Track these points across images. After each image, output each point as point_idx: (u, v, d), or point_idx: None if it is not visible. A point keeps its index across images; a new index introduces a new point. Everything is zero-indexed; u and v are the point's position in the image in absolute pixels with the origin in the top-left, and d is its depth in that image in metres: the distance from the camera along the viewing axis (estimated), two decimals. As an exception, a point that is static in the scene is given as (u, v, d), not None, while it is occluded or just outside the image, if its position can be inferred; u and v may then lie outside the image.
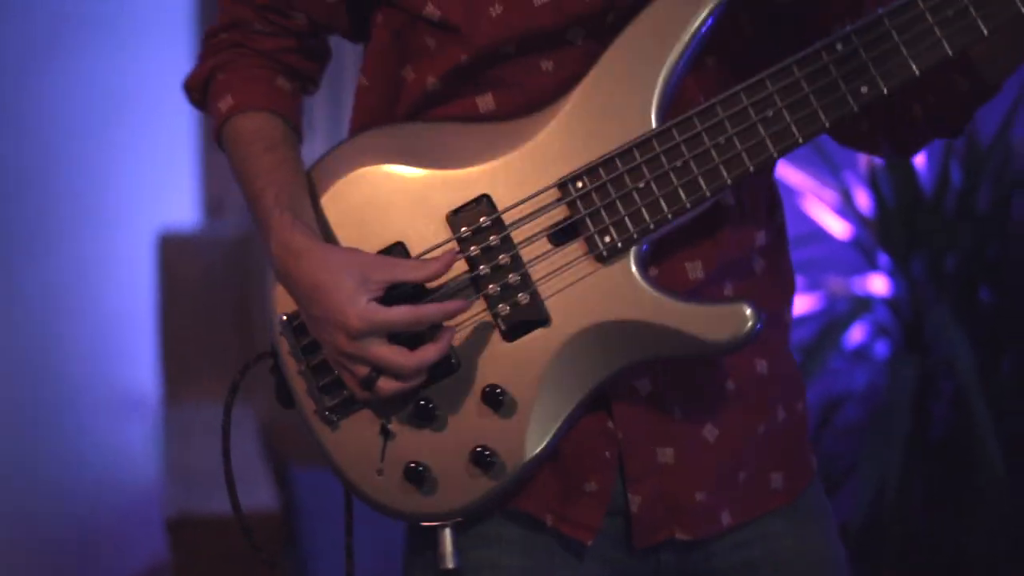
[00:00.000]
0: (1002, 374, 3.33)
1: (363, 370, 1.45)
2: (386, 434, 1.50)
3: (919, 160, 3.44)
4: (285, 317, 1.53)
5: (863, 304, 3.40)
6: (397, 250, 1.49)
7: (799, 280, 3.56)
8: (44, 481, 3.65)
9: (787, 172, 3.53)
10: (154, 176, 3.98)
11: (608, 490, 1.55)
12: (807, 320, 3.41)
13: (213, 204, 4.06)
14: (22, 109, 3.59)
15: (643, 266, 1.48)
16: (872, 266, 3.47)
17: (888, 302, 3.43)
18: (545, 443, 1.50)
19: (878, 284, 3.46)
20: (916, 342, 3.34)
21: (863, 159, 3.49)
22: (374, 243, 1.49)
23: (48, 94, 3.66)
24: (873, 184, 3.42)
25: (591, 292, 1.47)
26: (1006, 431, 3.19)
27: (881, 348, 3.47)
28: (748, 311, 1.45)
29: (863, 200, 3.49)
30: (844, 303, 3.41)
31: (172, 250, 3.38)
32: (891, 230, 3.39)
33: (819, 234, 3.50)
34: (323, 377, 1.51)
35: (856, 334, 3.47)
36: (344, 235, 1.51)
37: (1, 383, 3.52)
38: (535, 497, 1.55)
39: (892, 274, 3.43)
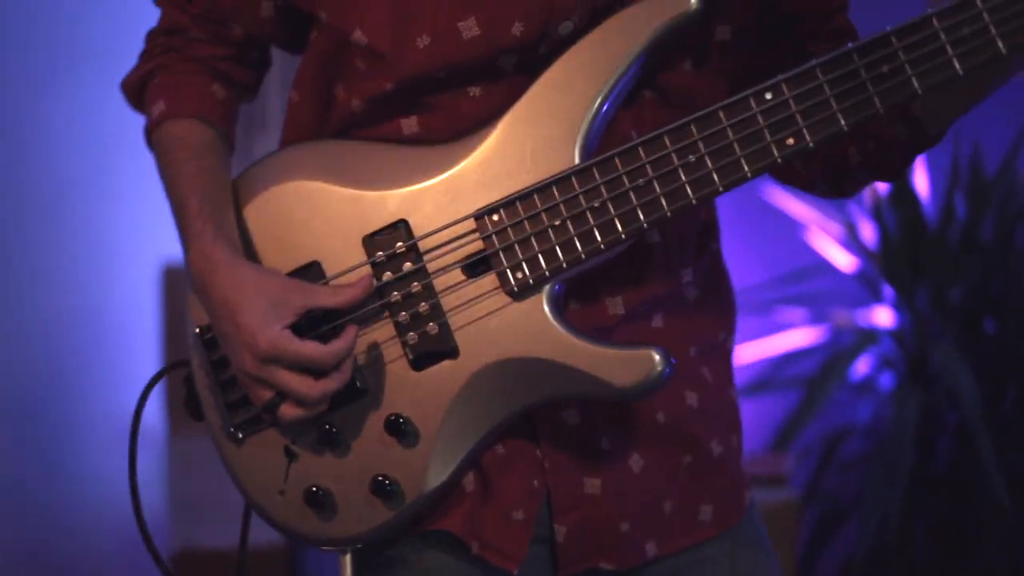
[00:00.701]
0: (1006, 406, 3.31)
1: (267, 393, 1.42)
2: (290, 456, 1.48)
3: (923, 192, 3.43)
4: (198, 329, 1.51)
5: (868, 336, 3.39)
6: (313, 268, 1.47)
7: (803, 313, 3.58)
8: (46, 515, 3.63)
9: (791, 204, 3.52)
10: (158, 207, 3.96)
11: (533, 519, 1.53)
12: (812, 352, 3.40)
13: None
14: (27, 138, 3.59)
15: (556, 303, 1.45)
16: (876, 298, 3.46)
17: (892, 334, 3.42)
18: (447, 476, 1.48)
19: (883, 316, 3.44)
20: (920, 374, 3.33)
21: (867, 192, 3.48)
22: (291, 259, 1.48)
23: (54, 123, 3.65)
24: (878, 216, 3.41)
25: (501, 327, 1.45)
26: (1010, 463, 3.17)
27: (886, 380, 3.45)
28: (656, 357, 1.43)
29: (867, 232, 3.48)
30: (849, 335, 3.39)
31: (176, 281, 3.36)
32: (895, 262, 3.38)
33: (824, 267, 3.49)
34: (231, 393, 1.49)
35: (861, 366, 3.46)
36: (262, 248, 1.49)
37: (3, 416, 3.50)
38: (462, 520, 1.53)
39: (896, 306, 3.42)
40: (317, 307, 1.44)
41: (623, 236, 1.43)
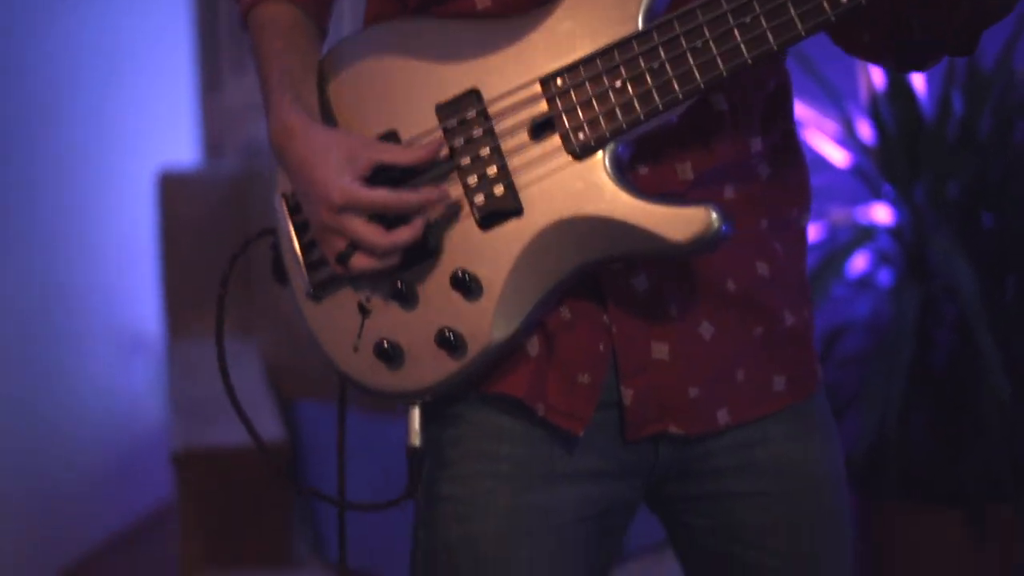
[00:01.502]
0: (1006, 299, 3.29)
1: (340, 243, 1.50)
2: (363, 312, 1.54)
3: (920, 88, 3.40)
4: (282, 196, 1.58)
5: (865, 233, 3.36)
6: (389, 136, 1.54)
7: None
8: (49, 424, 3.63)
9: (787, 102, 3.48)
10: (154, 117, 3.95)
11: (600, 383, 1.57)
12: (810, 250, 3.36)
13: (212, 144, 4.03)
14: (23, 51, 3.55)
15: (617, 164, 1.50)
16: (874, 195, 3.43)
17: (890, 230, 3.40)
18: (511, 331, 1.53)
19: (880, 213, 3.42)
20: (919, 269, 3.31)
21: (864, 89, 3.45)
22: (370, 128, 1.54)
23: (50, 35, 3.62)
24: (874, 113, 3.38)
25: (563, 187, 1.50)
26: (1010, 356, 3.16)
27: (884, 276, 3.43)
28: (713, 215, 1.46)
29: (864, 130, 3.45)
30: (846, 232, 3.37)
31: (172, 189, 3.34)
32: (893, 158, 3.35)
33: (820, 164, 3.46)
34: (311, 255, 1.56)
35: (859, 263, 3.44)
36: (343, 119, 1.56)
37: (4, 328, 3.49)
38: (528, 385, 1.56)
39: (894, 202, 3.39)
40: (388, 163, 1.51)
41: (680, 96, 1.47)
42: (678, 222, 1.47)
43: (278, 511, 2.71)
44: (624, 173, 1.50)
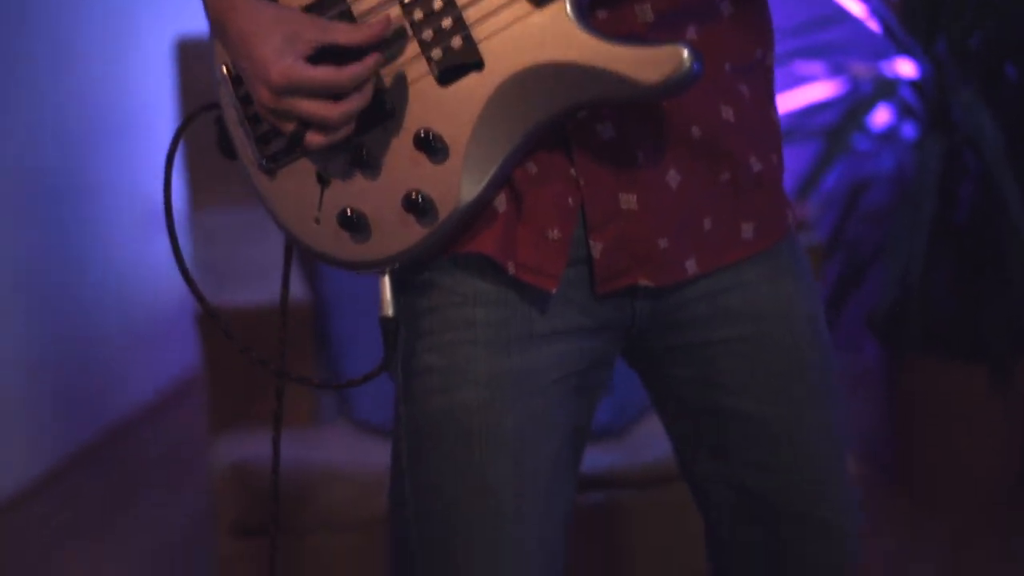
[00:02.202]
0: (1030, 151, 3.25)
1: (289, 126, 1.45)
2: (322, 182, 1.50)
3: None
4: (225, 68, 1.52)
5: (888, 86, 3.31)
6: (340, 7, 1.48)
7: (822, 66, 3.49)
8: (76, 297, 3.64)
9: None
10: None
11: (569, 238, 1.54)
12: (832, 105, 3.33)
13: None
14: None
15: (579, 8, 1.45)
16: (896, 47, 3.38)
17: (913, 83, 3.34)
18: (479, 190, 1.49)
19: (903, 66, 3.37)
20: (942, 122, 3.26)
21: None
22: None
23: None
24: (896, -36, 3.32)
25: (525, 35, 1.45)
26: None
27: (908, 130, 3.39)
28: (684, 53, 1.42)
29: (886, -19, 3.39)
30: (868, 85, 3.32)
31: (189, 57, 3.29)
32: (915, 10, 3.29)
33: (841, 15, 3.40)
34: (260, 127, 1.52)
35: (882, 116, 3.39)
36: None
37: (29, 202, 3.48)
38: (494, 241, 1.54)
39: (916, 55, 3.33)
40: (333, 43, 1.44)
41: None
42: (648, 63, 1.43)
43: (303, 371, 2.70)
44: (587, 17, 1.46)
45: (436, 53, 1.47)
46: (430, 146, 1.48)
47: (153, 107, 3.79)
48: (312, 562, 2.54)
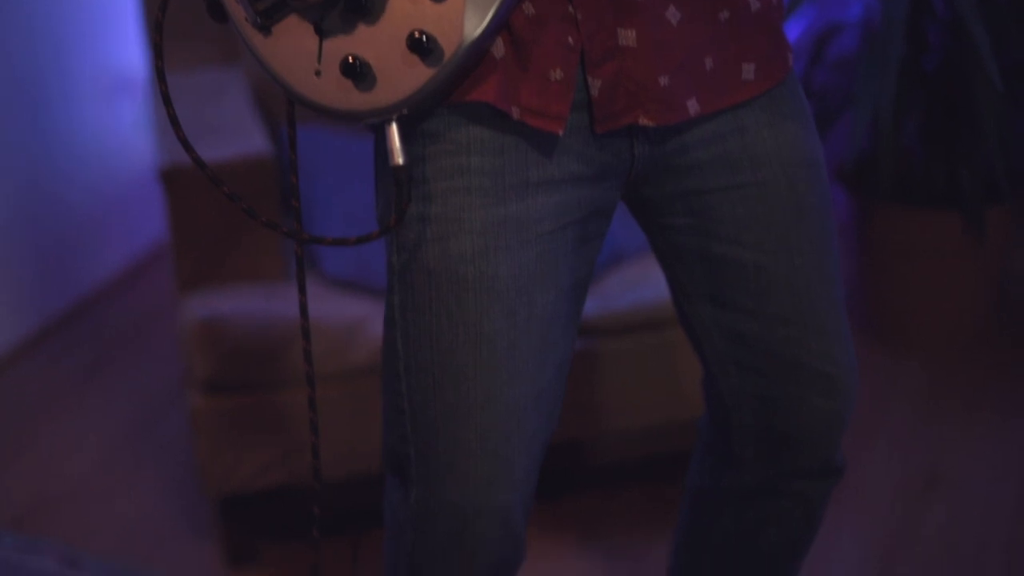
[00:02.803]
0: (999, -5, 3.21)
1: None
2: (321, 33, 1.45)
3: None
4: None
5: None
6: None
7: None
8: (45, 168, 3.59)
9: None
10: None
11: (573, 78, 1.51)
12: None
13: None
14: None
15: None
16: None
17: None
18: (484, 26, 1.45)
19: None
20: (910, -34, 3.21)
21: None
22: None
23: None
24: None
25: None
26: (1004, 55, 3.09)
27: (876, -26, 3.34)
28: None
29: None
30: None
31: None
32: None
33: None
34: None
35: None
36: None
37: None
38: (496, 88, 1.51)
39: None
40: None
41: None
42: None
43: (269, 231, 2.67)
44: None
45: None
46: None
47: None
48: (285, 417, 2.54)
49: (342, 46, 1.47)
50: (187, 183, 2.52)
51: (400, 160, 1.50)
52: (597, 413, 2.64)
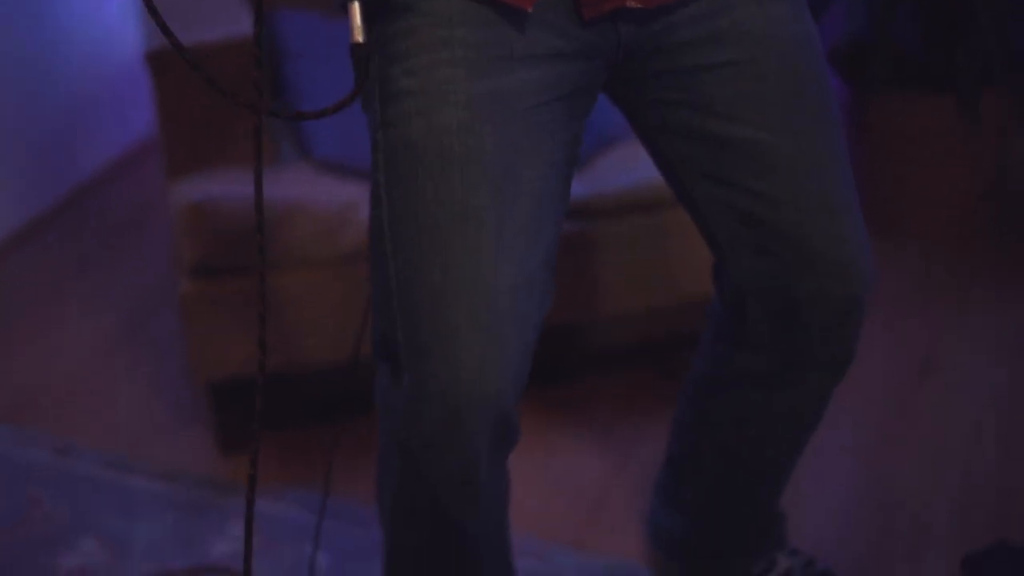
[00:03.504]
0: None
1: None
2: None
3: None
4: None
5: None
6: None
7: None
8: (34, 60, 3.54)
9: None
10: None
11: None
12: None
13: None
14: None
15: None
16: None
17: None
18: None
19: None
20: None
21: None
22: None
23: None
24: None
25: None
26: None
27: None
28: None
29: None
30: None
31: None
32: None
33: None
34: None
35: None
36: None
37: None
38: None
39: None
40: None
41: None
42: None
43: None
44: None
45: None
46: None
47: None
48: (275, 302, 2.50)
49: None
50: (175, 67, 2.47)
51: (359, 38, 1.47)
52: (591, 297, 2.60)
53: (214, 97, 2.47)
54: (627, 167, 2.58)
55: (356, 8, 1.47)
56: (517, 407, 1.68)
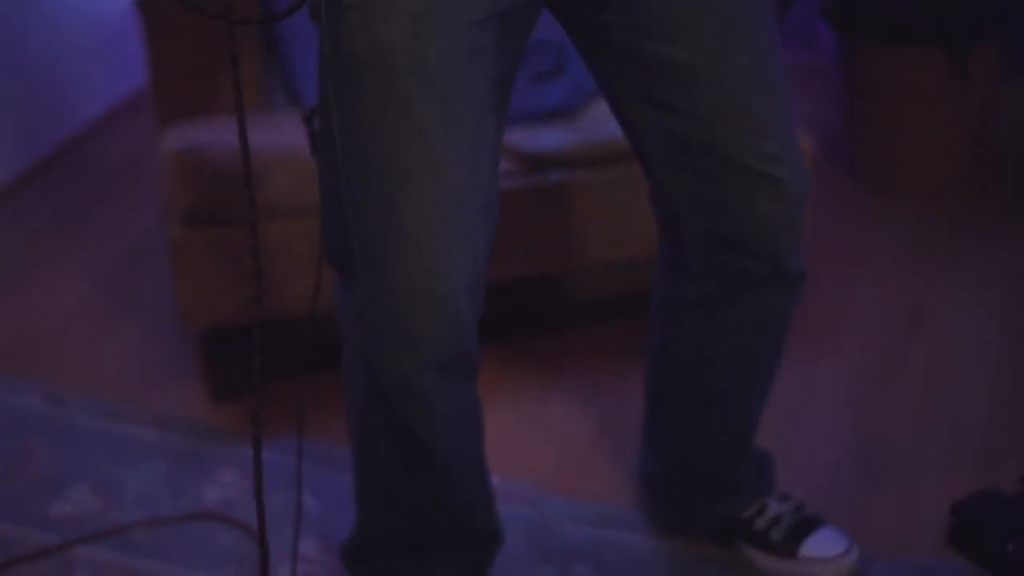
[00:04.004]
0: None
1: None
2: None
3: None
4: None
5: None
6: None
7: None
8: (23, 14, 3.51)
9: None
10: None
11: None
12: None
13: None
14: None
15: None
16: None
17: None
18: None
19: None
20: None
21: None
22: None
23: None
24: None
25: None
26: None
27: None
28: None
29: None
30: None
31: None
32: None
33: None
34: None
35: None
36: None
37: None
38: None
39: None
40: None
41: None
42: None
43: (251, 63, 2.61)
44: None
45: None
46: None
47: None
48: (265, 250, 2.48)
49: None
50: (164, 12, 2.44)
51: None
52: (573, 247, 2.59)
53: (205, 44, 2.45)
54: (613, 117, 2.56)
55: None
56: (473, 325, 1.72)
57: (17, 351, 2.84)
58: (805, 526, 2.15)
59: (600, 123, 2.56)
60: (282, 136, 2.48)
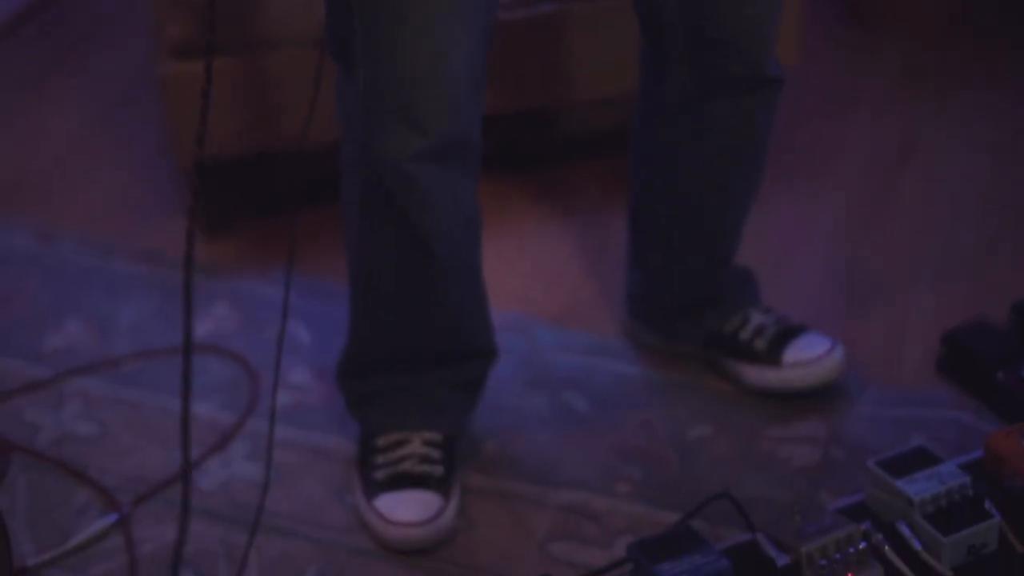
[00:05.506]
0: None
1: None
2: None
3: None
4: None
5: None
6: None
7: None
8: None
9: None
10: None
11: None
12: None
13: None
14: None
15: None
16: None
17: None
18: None
19: None
20: None
21: None
22: None
23: None
24: None
25: None
26: None
27: None
28: None
29: None
30: None
31: None
32: None
33: None
34: None
35: None
36: None
37: None
38: None
39: None
40: None
41: None
42: None
43: None
44: None
45: None
46: None
47: None
48: (257, 80, 2.42)
49: None
50: None
51: None
52: (569, 79, 2.53)
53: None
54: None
55: None
56: (475, 116, 1.74)
57: (7, 190, 2.79)
58: (789, 333, 2.12)
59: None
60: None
